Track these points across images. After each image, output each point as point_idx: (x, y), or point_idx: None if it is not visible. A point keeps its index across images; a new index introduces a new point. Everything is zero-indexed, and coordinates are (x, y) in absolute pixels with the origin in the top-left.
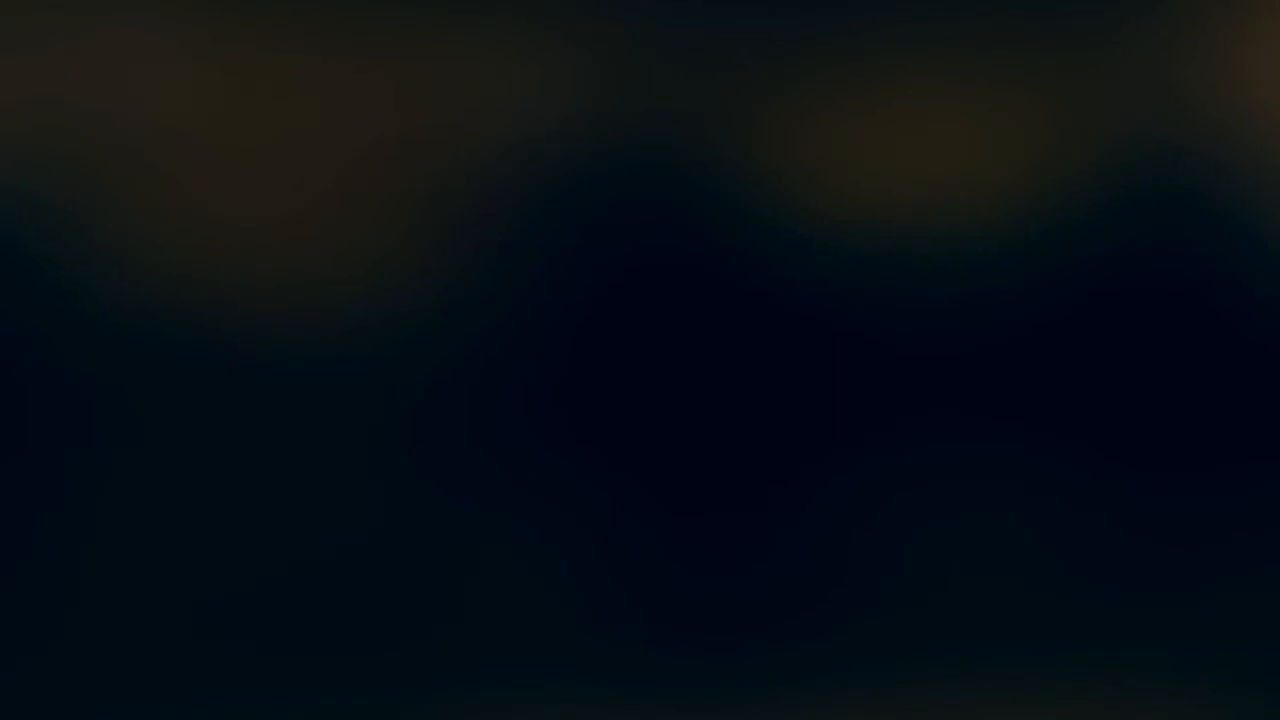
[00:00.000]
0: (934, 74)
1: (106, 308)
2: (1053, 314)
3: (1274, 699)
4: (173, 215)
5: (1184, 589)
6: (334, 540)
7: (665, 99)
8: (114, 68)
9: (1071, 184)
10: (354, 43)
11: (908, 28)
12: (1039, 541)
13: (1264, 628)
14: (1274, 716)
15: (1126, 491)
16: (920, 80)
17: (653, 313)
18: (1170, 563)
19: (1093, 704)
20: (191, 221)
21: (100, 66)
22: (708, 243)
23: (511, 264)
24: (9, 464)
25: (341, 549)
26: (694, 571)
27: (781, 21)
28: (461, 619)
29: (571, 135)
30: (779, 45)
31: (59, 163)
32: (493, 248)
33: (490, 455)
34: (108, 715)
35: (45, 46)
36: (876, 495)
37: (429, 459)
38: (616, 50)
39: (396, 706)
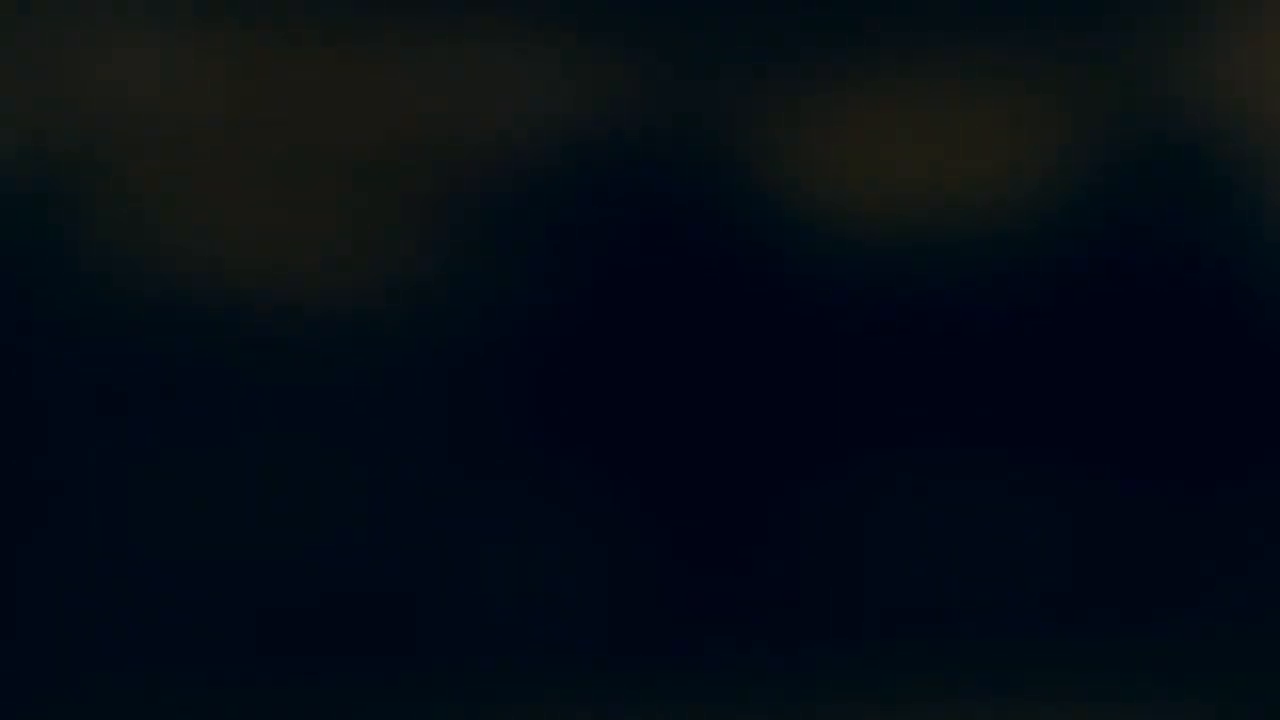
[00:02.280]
0: (935, 75)
1: (104, 304)
2: (1052, 314)
3: (1274, 700)
4: (172, 212)
5: (1184, 588)
6: (331, 541)
7: (665, 99)
8: (117, 68)
9: (1075, 184)
10: (354, 43)
11: (909, 27)
12: (1038, 541)
13: (1265, 628)
14: (1274, 718)
15: (1128, 490)
16: (922, 80)
17: (651, 311)
18: (1171, 562)
19: (1093, 704)
20: (191, 218)
21: (102, 67)
22: (707, 242)
23: (513, 263)
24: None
25: (338, 549)
26: (694, 572)
27: (783, 21)
28: (460, 620)
29: (571, 135)
30: (779, 45)
31: (61, 161)
32: (493, 246)
33: (493, 455)
34: (106, 717)
35: (48, 46)
36: (875, 497)
37: (429, 458)
38: (617, 50)
39: (395, 707)
